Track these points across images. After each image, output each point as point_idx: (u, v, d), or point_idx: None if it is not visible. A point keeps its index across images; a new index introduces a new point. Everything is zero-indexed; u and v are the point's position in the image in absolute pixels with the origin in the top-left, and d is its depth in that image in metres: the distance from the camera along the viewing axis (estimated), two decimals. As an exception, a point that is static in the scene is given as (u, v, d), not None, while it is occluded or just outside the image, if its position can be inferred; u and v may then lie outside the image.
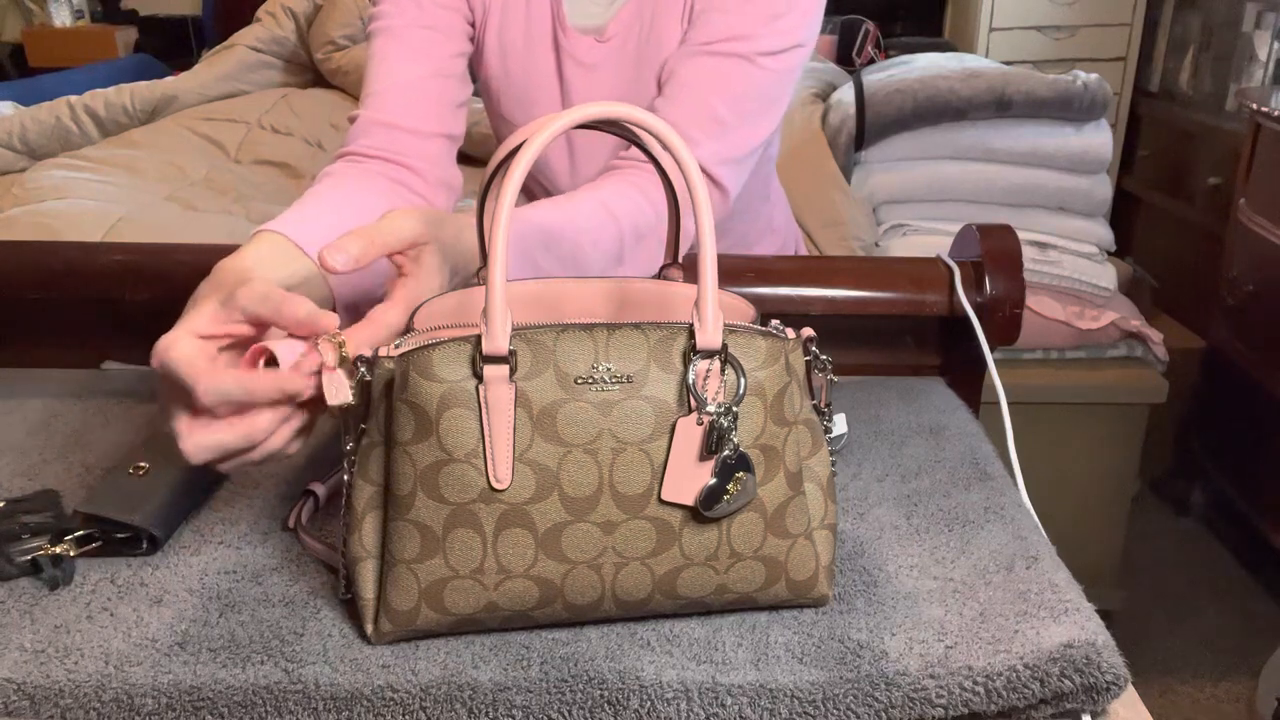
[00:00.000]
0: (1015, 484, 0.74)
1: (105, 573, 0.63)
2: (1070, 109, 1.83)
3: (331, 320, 0.58)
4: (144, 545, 0.65)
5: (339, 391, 0.56)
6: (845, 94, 2.05)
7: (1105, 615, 0.58)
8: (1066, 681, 0.54)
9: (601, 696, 0.53)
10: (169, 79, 2.57)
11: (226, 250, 0.68)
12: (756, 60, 0.88)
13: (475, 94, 1.01)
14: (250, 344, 0.60)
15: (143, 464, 0.69)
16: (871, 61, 2.59)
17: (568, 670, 0.55)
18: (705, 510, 0.55)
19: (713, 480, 0.55)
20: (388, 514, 0.56)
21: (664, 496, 0.55)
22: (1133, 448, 1.92)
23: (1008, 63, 2.17)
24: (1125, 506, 1.96)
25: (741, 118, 0.89)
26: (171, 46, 3.88)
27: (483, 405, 0.54)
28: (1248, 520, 2.18)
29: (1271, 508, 2.07)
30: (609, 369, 0.55)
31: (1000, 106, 1.83)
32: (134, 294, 0.88)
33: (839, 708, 0.53)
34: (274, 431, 0.58)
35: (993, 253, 0.89)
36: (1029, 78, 1.84)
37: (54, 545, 0.63)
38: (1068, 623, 0.57)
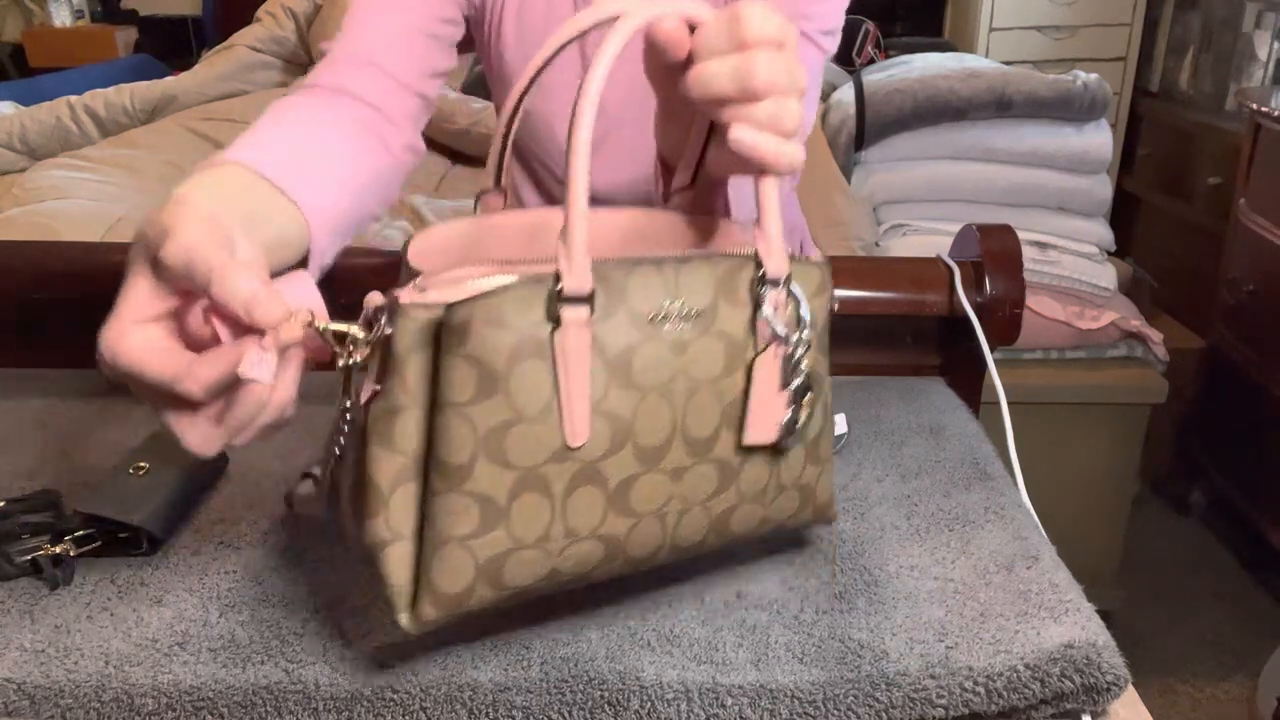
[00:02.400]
0: (1015, 484, 0.74)
1: (105, 573, 0.63)
2: (1070, 109, 1.83)
3: (274, 311, 0.47)
4: (144, 545, 0.65)
5: (257, 368, 0.46)
6: (845, 94, 2.05)
7: (1105, 615, 0.58)
8: (1067, 682, 0.54)
9: (602, 697, 0.53)
10: (169, 79, 2.57)
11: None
12: (815, 38, 0.86)
13: (473, 94, 1.00)
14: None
15: (143, 464, 0.68)
16: (871, 61, 2.59)
17: (568, 670, 0.55)
18: (788, 443, 0.54)
19: (789, 413, 0.53)
20: (429, 487, 0.49)
21: (747, 441, 0.53)
22: (1133, 448, 1.92)
23: (1008, 63, 2.17)
24: (1125, 506, 1.96)
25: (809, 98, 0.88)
26: (171, 46, 3.88)
27: (557, 354, 0.48)
28: (1248, 520, 2.18)
29: (1271, 508, 2.07)
30: (681, 305, 0.51)
31: (1000, 106, 1.83)
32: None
33: (839, 708, 0.53)
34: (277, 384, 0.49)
35: (993, 253, 0.89)
36: (1029, 78, 1.84)
37: (54, 545, 0.63)
38: (1068, 623, 0.57)
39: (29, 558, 0.62)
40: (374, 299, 0.48)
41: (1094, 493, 1.93)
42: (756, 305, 0.53)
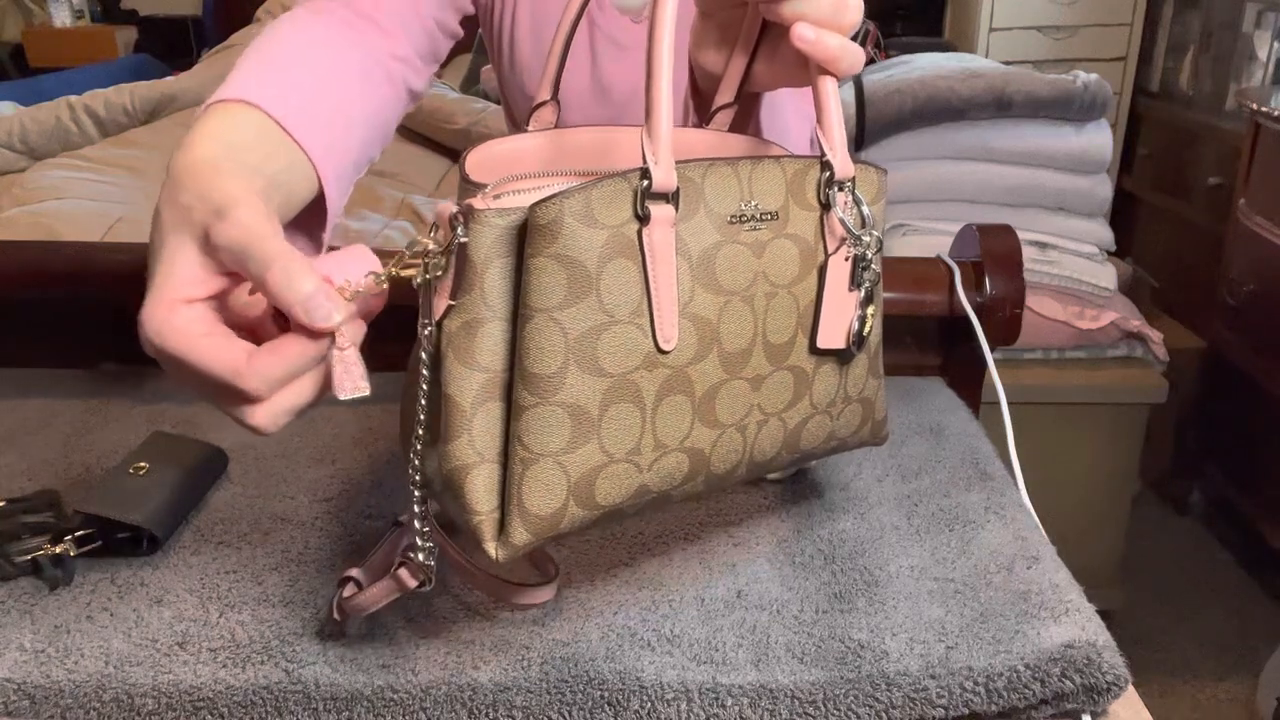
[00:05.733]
0: (1015, 484, 0.74)
1: (105, 573, 0.63)
2: (1070, 109, 1.83)
3: (334, 313, 0.45)
4: (144, 545, 0.65)
5: (349, 380, 0.45)
6: (845, 94, 2.05)
7: (1105, 615, 0.58)
8: (1067, 682, 0.54)
9: (601, 697, 0.53)
10: (169, 79, 2.57)
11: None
12: None
13: (474, 93, 0.99)
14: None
15: (143, 464, 0.69)
16: (872, 61, 2.59)
17: (568, 670, 0.55)
18: (857, 349, 0.55)
19: (858, 316, 0.54)
20: (517, 403, 0.47)
21: (819, 344, 0.53)
22: (1133, 448, 1.92)
23: (1008, 63, 2.17)
24: (1125, 506, 1.96)
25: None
26: (171, 46, 3.89)
27: (646, 253, 0.47)
28: (1248, 520, 2.18)
29: (1271, 508, 2.07)
30: (756, 206, 0.51)
31: (1000, 106, 1.83)
32: (134, 294, 0.88)
33: (839, 708, 0.53)
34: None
35: (993, 253, 0.89)
36: (1029, 78, 1.84)
37: (54, 545, 0.63)
38: (1068, 623, 0.57)
39: (29, 558, 0.62)
40: (446, 208, 0.47)
41: (1094, 493, 1.93)
42: (825, 207, 0.54)
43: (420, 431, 0.49)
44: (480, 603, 0.60)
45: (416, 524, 0.51)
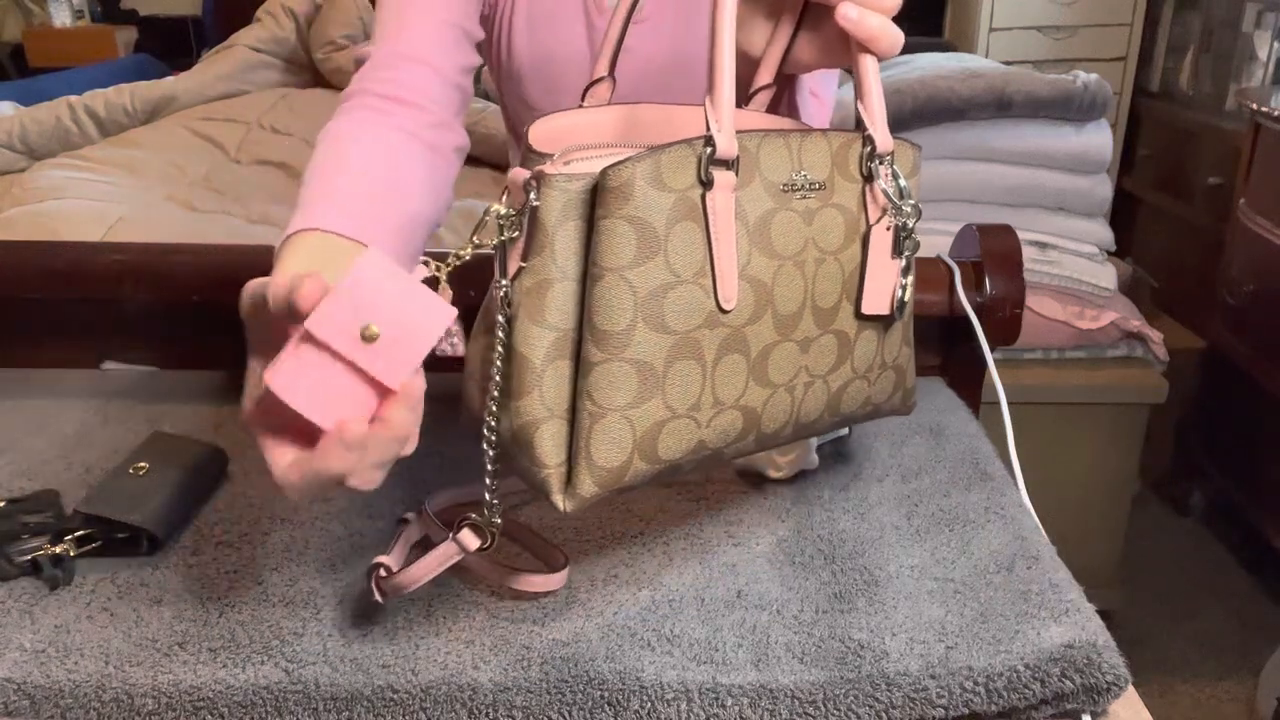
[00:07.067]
0: (1015, 484, 0.74)
1: (105, 573, 0.63)
2: (1070, 109, 1.83)
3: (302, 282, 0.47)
4: (144, 545, 0.65)
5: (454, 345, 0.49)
6: (845, 94, 2.05)
7: (1105, 615, 0.58)
8: (1067, 682, 0.54)
9: (601, 697, 0.53)
10: (169, 79, 2.57)
11: (226, 250, 0.66)
12: None
13: (475, 93, 0.99)
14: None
15: (143, 464, 0.69)
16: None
17: (568, 671, 0.55)
18: (899, 315, 0.57)
19: (899, 283, 0.57)
20: (586, 359, 0.49)
21: (866, 310, 0.56)
22: (1133, 448, 1.92)
23: (1008, 63, 2.17)
24: (1125, 506, 1.96)
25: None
26: (171, 46, 3.88)
27: (709, 216, 0.49)
28: (1248, 520, 2.18)
29: (1271, 508, 2.07)
30: (806, 176, 0.54)
31: (1000, 106, 1.83)
32: (134, 294, 0.88)
33: (839, 708, 0.53)
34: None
35: (993, 253, 0.89)
36: (1029, 78, 1.84)
37: (54, 545, 0.63)
38: (1068, 623, 0.57)
39: (29, 558, 0.62)
40: (519, 174, 0.49)
41: (1094, 493, 1.93)
42: (867, 179, 0.57)
43: (495, 394, 0.51)
44: (481, 602, 0.60)
45: (487, 480, 0.52)
